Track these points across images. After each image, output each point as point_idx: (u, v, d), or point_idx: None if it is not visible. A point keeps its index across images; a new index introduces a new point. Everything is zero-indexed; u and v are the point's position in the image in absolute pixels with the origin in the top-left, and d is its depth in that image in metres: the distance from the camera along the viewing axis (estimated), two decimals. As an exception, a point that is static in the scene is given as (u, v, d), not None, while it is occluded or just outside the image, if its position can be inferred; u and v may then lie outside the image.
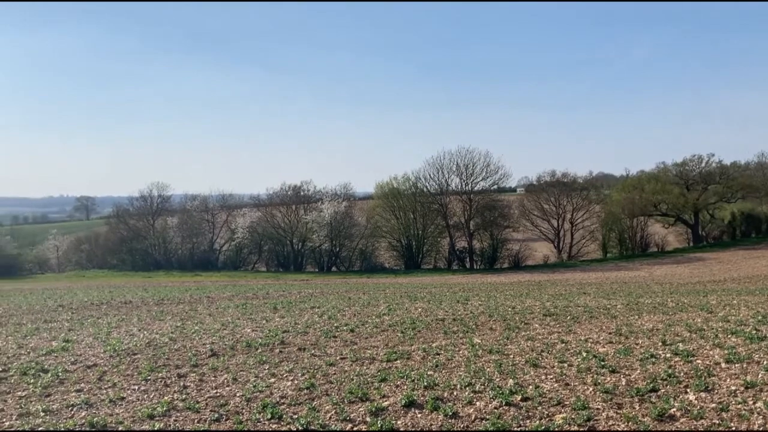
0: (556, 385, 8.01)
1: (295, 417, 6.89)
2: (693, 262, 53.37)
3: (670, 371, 8.33)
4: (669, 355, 9.41)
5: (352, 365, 9.59)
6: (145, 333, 13.70)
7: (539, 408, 7.03)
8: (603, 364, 8.93)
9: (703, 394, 7.23)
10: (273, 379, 8.72)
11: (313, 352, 10.80)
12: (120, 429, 6.60)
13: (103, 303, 22.69)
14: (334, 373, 9.01)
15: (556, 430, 6.34)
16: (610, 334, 11.74)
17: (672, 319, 13.74)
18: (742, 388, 7.37)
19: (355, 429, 6.59)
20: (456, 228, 64.72)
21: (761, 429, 6.15)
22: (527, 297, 21.34)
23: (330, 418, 6.88)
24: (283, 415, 6.96)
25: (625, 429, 6.31)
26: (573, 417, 6.64)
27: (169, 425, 6.74)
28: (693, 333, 11.13)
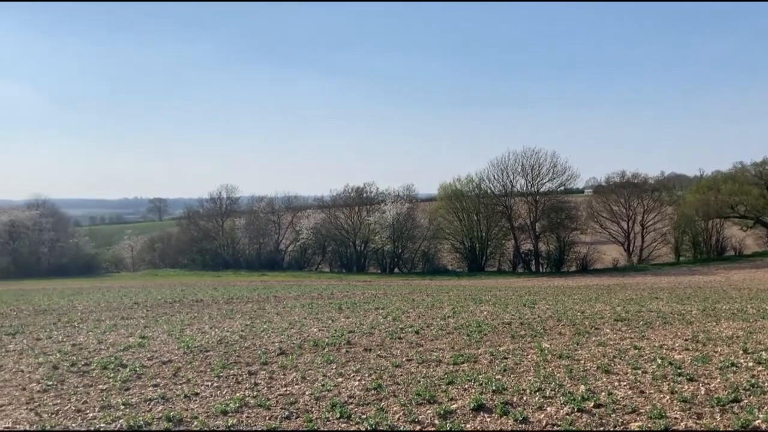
0: (630, 392, 7.76)
1: (364, 417, 6.93)
2: (774, 266, 50.64)
3: (753, 381, 7.93)
4: (751, 364, 8.97)
5: (418, 367, 9.57)
6: (217, 331, 14.11)
7: (613, 415, 6.83)
8: (680, 371, 8.59)
9: (791, 407, 6.84)
10: (341, 379, 8.80)
11: (379, 353, 10.85)
12: (195, 424, 6.80)
13: (175, 301, 23.51)
14: (401, 375, 9.01)
15: (632, 439, 6.14)
16: (686, 340, 11.29)
17: (753, 326, 13.09)
18: (835, 402, 6.94)
19: (423, 431, 6.57)
20: (521, 230, 63.70)
21: None
22: (596, 301, 20.77)
23: (398, 419, 6.89)
24: (352, 415, 7.02)
25: (706, 440, 6.05)
26: (649, 426, 6.42)
27: (242, 421, 6.91)
28: (778, 342, 10.57)
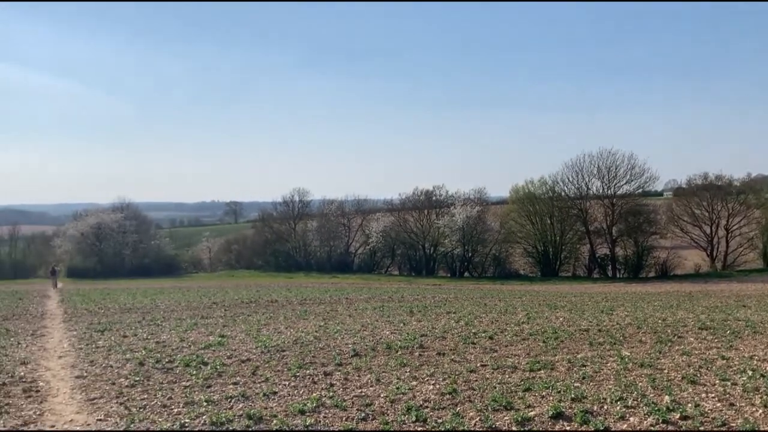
0: (719, 404, 7.40)
1: (440, 421, 6.90)
2: None
3: None
4: None
5: (493, 373, 9.45)
6: (292, 331, 14.40)
7: (701, 428, 6.52)
8: (774, 385, 8.11)
9: None
10: (415, 382, 8.80)
11: (452, 357, 10.78)
12: (274, 422, 6.96)
13: (251, 301, 24.15)
14: (476, 380, 8.92)
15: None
16: (780, 352, 10.65)
17: None
18: None
19: (500, 437, 6.48)
20: (597, 234, 61.83)
21: None
22: (678, 308, 19.89)
23: (475, 424, 6.82)
24: (428, 419, 7.00)
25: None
26: (743, 441, 6.09)
27: (319, 421, 7.01)
28: None
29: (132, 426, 6.86)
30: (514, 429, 6.67)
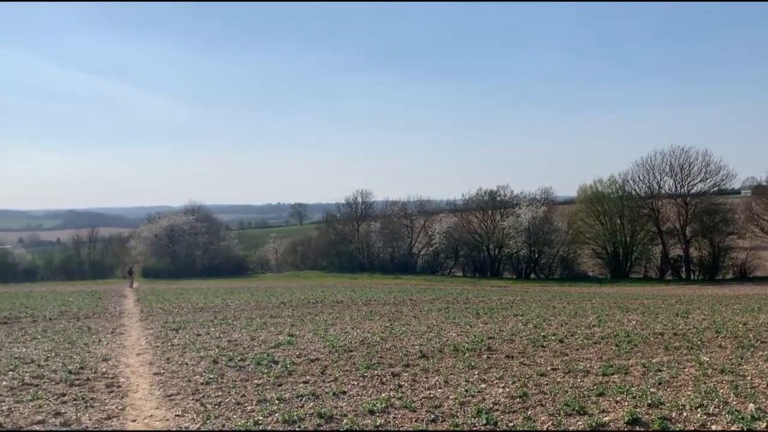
0: (810, 415, 6.98)
1: (511, 425, 6.80)
2: None
3: None
4: None
5: (564, 377, 9.24)
6: (358, 331, 14.52)
7: (792, 440, 6.17)
8: None
9: None
10: (484, 385, 8.70)
11: (521, 360, 10.61)
12: (345, 422, 7.02)
13: (318, 302, 24.51)
14: (547, 384, 8.74)
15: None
16: None
17: None
18: None
19: (574, 443, 6.32)
20: (669, 234, 59.52)
21: None
22: (760, 312, 18.92)
23: (547, 429, 6.68)
24: (498, 422, 6.90)
25: None
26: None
27: (389, 422, 7.03)
28: None
29: (208, 422, 7.07)
30: (589, 435, 6.50)
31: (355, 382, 8.96)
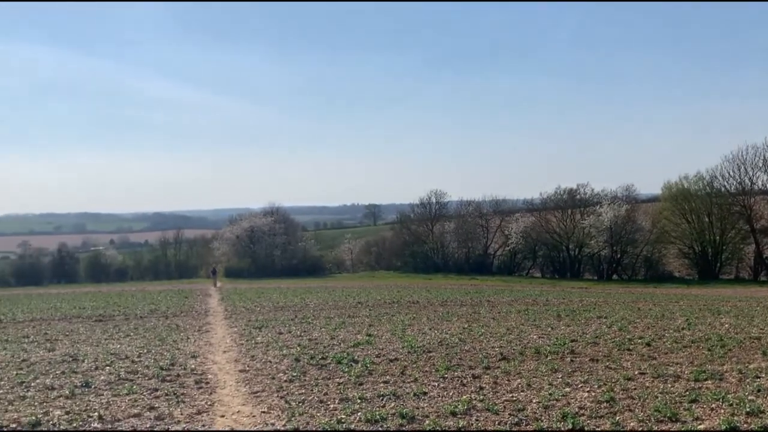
0: None
1: (599, 430, 6.59)
2: None
3: None
4: None
5: (653, 381, 8.88)
6: (436, 332, 14.47)
7: None
8: None
9: None
10: (568, 389, 8.48)
11: (607, 364, 10.27)
12: (427, 423, 7.00)
13: (394, 302, 24.61)
14: (635, 389, 8.43)
15: None
16: None
17: None
18: None
19: (668, 452, 6.05)
20: (764, 233, 56.04)
21: None
22: None
23: (637, 436, 6.43)
24: (585, 427, 6.71)
25: None
26: None
27: (471, 424, 6.96)
28: None
29: (293, 420, 7.22)
30: (683, 444, 6.21)
31: (436, 383, 8.93)
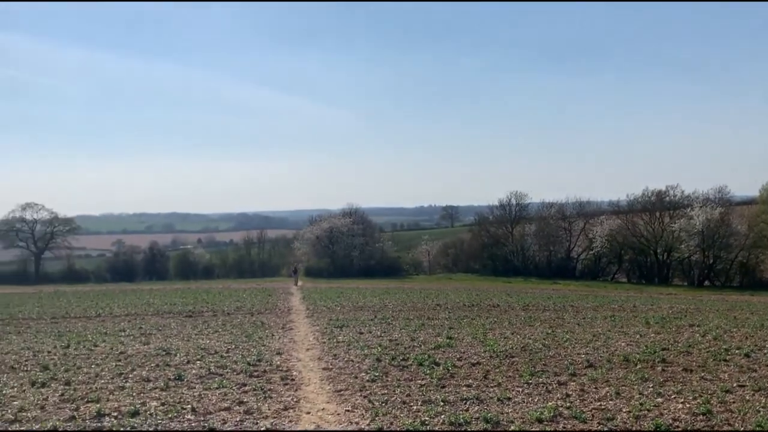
0: None
1: (696, 445, 6.28)
2: None
3: None
4: None
5: (754, 395, 8.38)
6: (518, 337, 14.21)
7: None
8: None
9: None
10: (660, 399, 8.14)
11: (702, 374, 9.78)
12: (512, 428, 6.89)
13: (473, 305, 24.37)
14: (733, 401, 7.99)
15: None
16: None
17: None
18: None
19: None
20: None
21: None
22: None
23: (739, 453, 6.08)
24: (681, 441, 6.41)
25: None
26: None
27: (558, 431, 6.79)
28: None
29: (376, 419, 7.29)
30: (791, 463, 5.82)
31: (520, 389, 8.78)
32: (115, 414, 7.65)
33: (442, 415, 7.37)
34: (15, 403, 8.25)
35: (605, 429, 6.82)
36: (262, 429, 7.02)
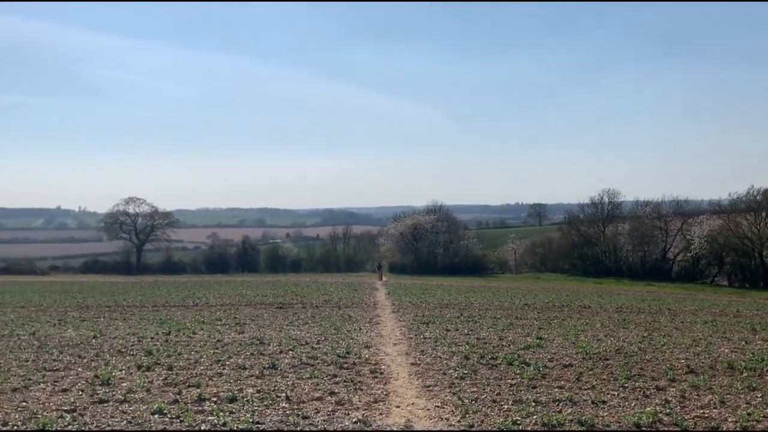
0: None
1: (814, 461, 5.85)
2: None
3: None
4: None
5: None
6: (612, 339, 13.74)
7: None
8: None
9: None
10: (770, 411, 7.63)
11: (818, 386, 9.08)
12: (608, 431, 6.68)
13: (563, 306, 23.75)
14: None
15: None
16: None
17: None
18: None
19: None
20: None
21: None
22: None
23: None
24: (796, 456, 5.99)
25: None
26: None
27: (658, 439, 6.52)
28: None
29: (467, 416, 7.25)
30: None
31: (615, 393, 8.48)
32: (215, 399, 8.01)
33: (535, 416, 7.23)
34: (124, 384, 8.81)
35: (710, 439, 6.49)
36: (354, 420, 7.13)
